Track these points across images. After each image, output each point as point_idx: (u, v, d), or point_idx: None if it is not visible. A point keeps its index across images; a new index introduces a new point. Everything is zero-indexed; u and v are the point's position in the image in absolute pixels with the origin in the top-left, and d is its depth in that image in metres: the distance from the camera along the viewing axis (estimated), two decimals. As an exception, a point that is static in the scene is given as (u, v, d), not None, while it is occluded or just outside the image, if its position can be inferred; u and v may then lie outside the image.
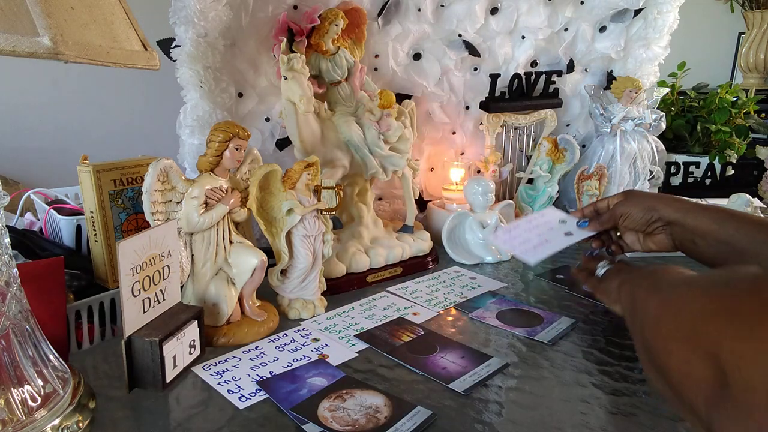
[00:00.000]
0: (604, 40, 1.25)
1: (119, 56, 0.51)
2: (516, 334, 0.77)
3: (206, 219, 0.72)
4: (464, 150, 1.26)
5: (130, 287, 0.59)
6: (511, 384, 0.65)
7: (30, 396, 0.52)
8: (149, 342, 0.60)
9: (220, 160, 0.73)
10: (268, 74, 0.98)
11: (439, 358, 0.70)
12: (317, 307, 0.83)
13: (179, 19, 0.86)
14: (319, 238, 0.81)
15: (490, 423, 0.58)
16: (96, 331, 0.72)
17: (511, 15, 1.14)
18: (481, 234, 1.07)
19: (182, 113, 0.92)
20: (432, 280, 0.98)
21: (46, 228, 0.82)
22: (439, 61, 1.13)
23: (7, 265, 0.51)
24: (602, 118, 1.23)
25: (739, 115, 1.35)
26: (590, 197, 1.20)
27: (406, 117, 1.00)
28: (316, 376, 0.65)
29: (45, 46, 0.42)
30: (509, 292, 0.93)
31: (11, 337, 0.51)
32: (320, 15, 0.91)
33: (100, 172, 0.73)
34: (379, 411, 0.58)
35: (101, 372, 0.66)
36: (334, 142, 0.93)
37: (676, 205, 0.78)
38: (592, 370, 0.68)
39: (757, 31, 2.24)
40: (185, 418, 0.58)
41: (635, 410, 0.60)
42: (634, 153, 1.22)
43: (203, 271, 0.74)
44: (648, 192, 0.89)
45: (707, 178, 1.32)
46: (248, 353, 0.71)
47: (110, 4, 0.53)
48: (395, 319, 0.82)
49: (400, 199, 1.19)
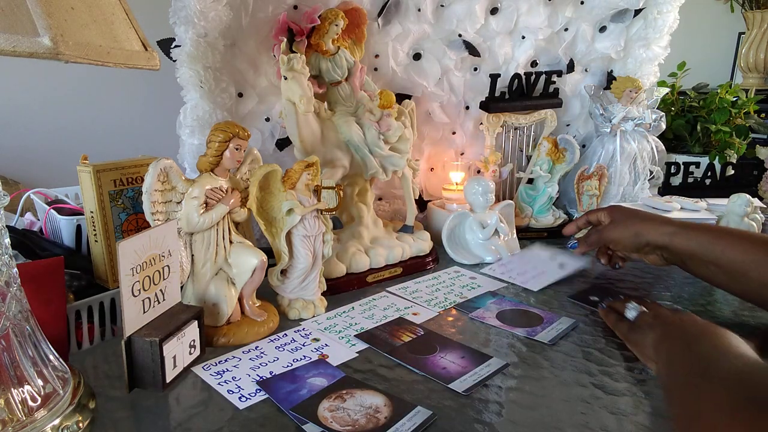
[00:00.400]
0: (604, 40, 1.25)
1: (119, 56, 0.51)
2: (516, 334, 0.77)
3: (206, 219, 0.72)
4: (464, 150, 1.26)
5: (130, 287, 0.59)
6: (511, 384, 0.65)
7: (30, 396, 0.52)
8: (149, 342, 0.60)
9: (220, 160, 0.73)
10: (268, 74, 0.98)
11: (439, 358, 0.70)
12: (317, 307, 0.83)
13: (179, 19, 0.86)
14: (319, 238, 0.81)
15: (490, 423, 0.58)
16: (96, 331, 0.72)
17: (511, 15, 1.14)
18: (481, 234, 1.07)
19: (182, 113, 0.92)
20: (432, 280, 0.98)
21: (46, 228, 0.82)
22: (439, 61, 1.13)
23: (7, 265, 0.51)
24: (602, 118, 1.23)
25: (739, 115, 1.35)
26: (590, 197, 1.20)
27: (406, 117, 1.00)
28: (316, 376, 0.65)
29: (45, 46, 0.42)
30: (509, 292, 0.93)
31: (11, 337, 0.51)
32: (320, 15, 0.91)
33: (100, 172, 0.73)
34: (379, 411, 0.58)
35: (101, 372, 0.66)
36: (334, 142, 0.93)
37: (662, 229, 0.79)
38: (592, 370, 0.68)
39: (757, 31, 2.24)
40: (185, 418, 0.58)
41: (635, 410, 0.60)
42: (634, 153, 1.22)
43: (203, 271, 0.74)
44: (633, 210, 0.87)
45: (707, 178, 1.32)
46: (248, 353, 0.71)
47: (110, 4, 0.53)
48: (395, 319, 0.82)
49: (400, 199, 1.19)
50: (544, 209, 1.22)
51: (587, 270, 1.00)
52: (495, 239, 1.08)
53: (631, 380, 0.66)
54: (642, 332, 0.66)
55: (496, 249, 1.07)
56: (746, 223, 1.11)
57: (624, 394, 0.63)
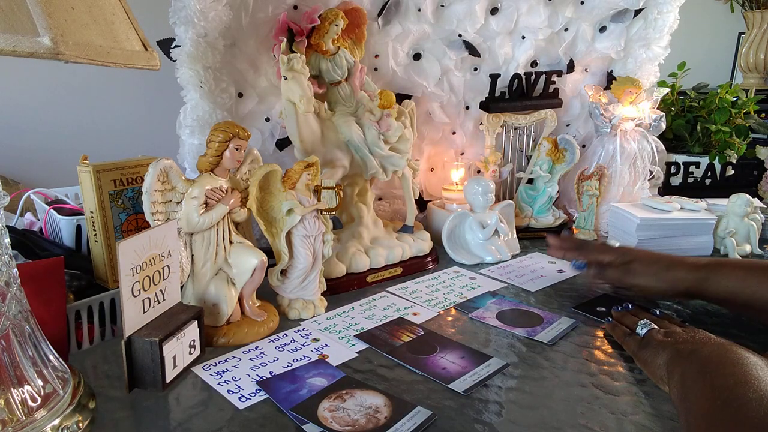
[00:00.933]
0: (604, 40, 1.25)
1: (119, 56, 0.51)
2: (516, 334, 0.77)
3: (206, 219, 0.72)
4: (464, 150, 1.26)
5: (130, 287, 0.59)
6: (511, 384, 0.65)
7: (30, 396, 0.52)
8: (149, 342, 0.60)
9: (220, 160, 0.73)
10: (268, 74, 0.98)
11: (439, 359, 0.70)
12: (317, 307, 0.83)
13: (179, 19, 0.86)
14: (319, 238, 0.81)
15: (490, 423, 0.58)
16: (96, 331, 0.72)
17: (511, 15, 1.14)
18: (481, 234, 1.07)
19: (182, 113, 0.92)
20: (432, 280, 0.98)
21: (46, 228, 0.82)
22: (439, 61, 1.13)
23: (7, 265, 0.51)
24: (602, 118, 1.23)
25: (739, 115, 1.35)
26: (590, 197, 1.20)
27: (406, 117, 1.00)
28: (316, 376, 0.65)
29: (45, 46, 0.42)
30: (509, 292, 0.93)
31: (11, 337, 0.51)
32: (320, 15, 0.91)
33: (100, 172, 0.73)
34: (379, 411, 0.58)
35: (101, 372, 0.66)
36: (334, 142, 0.93)
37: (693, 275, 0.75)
38: (592, 370, 0.68)
39: (757, 31, 2.24)
40: (185, 418, 0.58)
41: (635, 410, 0.60)
42: (634, 153, 1.22)
43: (203, 271, 0.74)
44: (652, 255, 0.82)
45: (707, 178, 1.32)
46: (248, 353, 0.71)
47: (111, 4, 0.53)
48: (395, 319, 0.82)
49: (400, 199, 1.19)
50: (544, 209, 1.22)
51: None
52: (495, 239, 1.08)
53: (631, 380, 0.66)
54: (653, 351, 0.64)
55: (496, 249, 1.07)
56: (746, 223, 1.11)
57: (624, 394, 0.63)
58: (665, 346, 0.63)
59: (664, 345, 0.63)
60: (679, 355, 0.59)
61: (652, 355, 0.64)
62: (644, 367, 0.66)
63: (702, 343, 0.59)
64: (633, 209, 1.13)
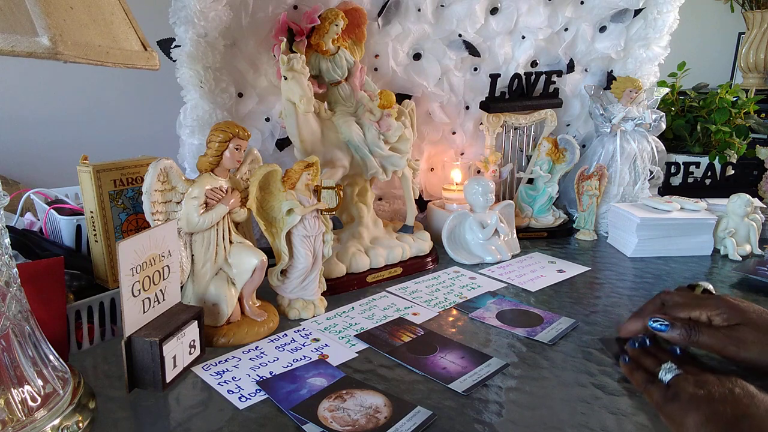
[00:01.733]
0: (604, 40, 1.25)
1: (119, 56, 0.51)
2: (516, 334, 0.77)
3: (206, 219, 0.72)
4: (464, 150, 1.26)
5: (130, 287, 0.59)
6: (511, 384, 0.65)
7: (30, 396, 0.52)
8: (149, 342, 0.60)
9: (220, 160, 0.73)
10: (268, 74, 0.98)
11: (439, 358, 0.70)
12: (317, 307, 0.83)
13: (179, 19, 0.86)
14: (319, 238, 0.81)
15: (490, 423, 0.57)
16: (96, 331, 0.72)
17: (511, 15, 1.14)
18: (481, 234, 1.07)
19: (182, 113, 0.92)
20: (432, 280, 0.98)
21: (46, 228, 0.82)
22: (439, 61, 1.13)
23: (7, 265, 0.51)
24: (602, 118, 1.23)
25: (739, 115, 1.35)
26: (590, 197, 1.20)
27: (406, 117, 1.00)
28: (316, 376, 0.65)
29: (44, 46, 0.42)
30: (509, 292, 0.93)
31: (11, 337, 0.51)
32: (320, 15, 0.91)
33: (100, 172, 0.73)
34: (379, 411, 0.58)
35: (101, 372, 0.66)
36: (334, 142, 0.93)
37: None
38: (592, 370, 0.68)
39: (757, 31, 2.24)
40: (185, 418, 0.58)
41: (635, 410, 0.60)
42: (634, 153, 1.22)
43: (203, 271, 0.74)
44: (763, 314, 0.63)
45: (707, 178, 1.32)
46: (248, 353, 0.71)
47: (110, 4, 0.53)
48: (395, 319, 0.82)
49: (400, 199, 1.19)
50: (544, 209, 1.22)
51: None
52: (495, 239, 1.08)
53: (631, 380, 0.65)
54: (681, 406, 0.52)
55: (496, 249, 1.07)
56: (746, 223, 1.11)
57: (624, 394, 0.63)
58: (698, 403, 0.51)
59: (697, 401, 0.51)
60: (719, 418, 0.49)
61: (680, 411, 0.52)
62: (670, 423, 0.54)
63: (744, 403, 0.49)
64: (633, 209, 1.13)
